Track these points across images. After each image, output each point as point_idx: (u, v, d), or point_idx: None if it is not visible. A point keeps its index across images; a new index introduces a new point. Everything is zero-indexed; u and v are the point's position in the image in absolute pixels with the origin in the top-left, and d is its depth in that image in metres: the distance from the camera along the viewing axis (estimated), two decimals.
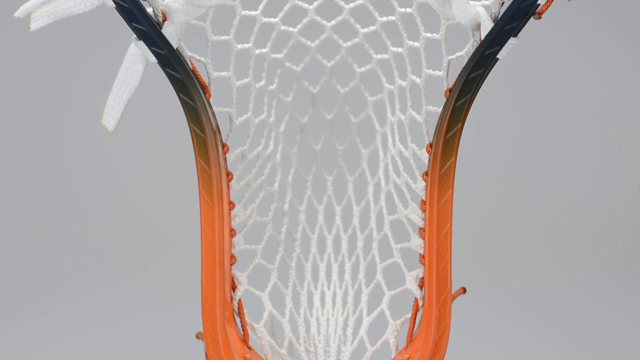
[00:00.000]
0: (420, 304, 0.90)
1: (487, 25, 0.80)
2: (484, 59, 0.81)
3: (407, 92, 0.94)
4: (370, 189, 1.06)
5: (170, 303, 1.76)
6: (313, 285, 1.05)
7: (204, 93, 0.85)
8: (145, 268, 1.88)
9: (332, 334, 1.00)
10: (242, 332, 0.92)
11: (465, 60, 0.82)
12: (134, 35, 0.80)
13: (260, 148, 0.99)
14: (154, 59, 0.81)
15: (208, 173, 0.86)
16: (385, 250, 0.99)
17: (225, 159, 0.88)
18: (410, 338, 0.91)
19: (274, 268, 0.99)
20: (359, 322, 0.99)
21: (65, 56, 2.00)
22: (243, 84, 0.94)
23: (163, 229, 1.93)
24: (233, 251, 0.90)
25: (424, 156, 0.88)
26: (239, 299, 0.91)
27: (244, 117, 0.94)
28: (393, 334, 0.93)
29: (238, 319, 0.92)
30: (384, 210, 1.02)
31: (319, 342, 0.99)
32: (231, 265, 0.90)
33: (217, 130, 0.86)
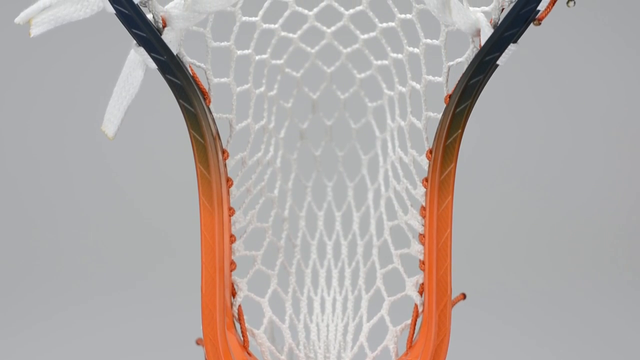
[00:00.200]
0: (420, 310, 0.90)
1: (487, 32, 0.80)
2: (483, 65, 0.81)
3: (407, 98, 0.94)
4: (370, 195, 1.06)
5: (170, 309, 1.76)
6: (313, 291, 1.05)
7: (204, 99, 0.85)
8: (145, 275, 1.88)
9: (332, 339, 1.00)
10: (242, 338, 0.92)
11: (465, 66, 0.82)
12: (134, 41, 0.81)
13: (260, 154, 0.99)
14: (154, 65, 0.81)
15: (208, 179, 0.86)
16: (385, 256, 0.99)
17: (225, 165, 0.88)
18: (410, 344, 0.91)
19: (274, 274, 0.99)
20: (358, 328, 0.99)
21: (65, 60, 2.00)
22: (243, 90, 0.94)
23: (162, 235, 1.93)
24: (233, 257, 0.90)
25: (424, 162, 0.88)
26: (239, 305, 0.91)
27: (244, 123, 0.94)
28: (393, 340, 0.92)
29: (238, 325, 0.92)
30: (384, 216, 1.02)
31: (319, 348, 0.99)
32: (231, 271, 0.90)
33: (217, 137, 0.86)
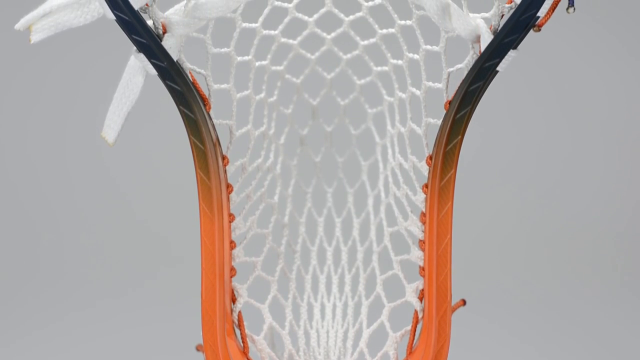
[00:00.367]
0: (420, 316, 0.90)
1: (487, 38, 0.80)
2: (483, 72, 0.81)
3: (407, 104, 0.94)
4: (370, 201, 1.06)
5: (170, 315, 1.75)
6: (313, 297, 1.05)
7: (204, 105, 0.85)
8: (145, 281, 1.88)
9: (332, 346, 1.00)
10: (242, 344, 0.92)
11: (465, 72, 0.82)
12: (134, 47, 0.81)
13: (260, 160, 0.99)
14: (154, 72, 0.81)
15: (208, 185, 0.86)
16: (385, 262, 0.99)
17: (225, 171, 0.88)
18: (410, 350, 0.91)
19: (274, 280, 0.99)
20: (358, 334, 0.99)
21: (65, 65, 2.00)
22: (243, 96, 0.94)
23: (162, 241, 1.93)
24: (233, 263, 0.90)
25: (424, 168, 0.88)
26: (239, 311, 0.91)
27: (244, 129, 0.94)
28: (393, 346, 0.92)
29: (238, 331, 0.91)
30: (384, 223, 1.02)
31: (319, 354, 0.99)
32: (231, 277, 0.90)
33: (217, 143, 0.86)
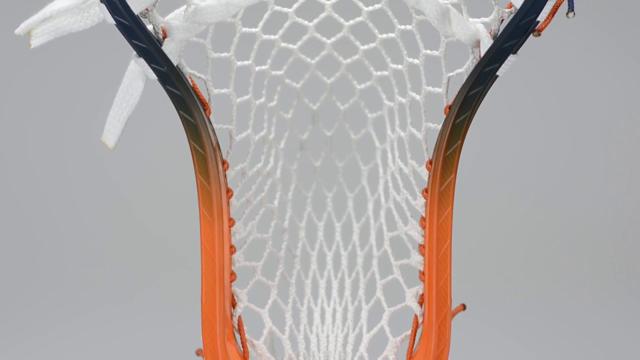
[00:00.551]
0: (420, 320, 0.90)
1: (487, 43, 0.80)
2: (483, 76, 0.81)
3: (407, 109, 0.94)
4: (370, 206, 1.06)
5: (169, 320, 1.75)
6: (313, 302, 1.05)
7: (204, 110, 0.85)
8: (145, 286, 1.88)
9: (332, 350, 1.00)
10: (242, 349, 0.92)
11: (465, 77, 0.82)
12: (134, 52, 0.81)
13: (260, 165, 0.99)
14: (154, 76, 0.81)
15: (208, 190, 0.86)
16: (385, 266, 0.99)
17: (225, 176, 0.88)
18: (410, 355, 0.91)
19: (274, 285, 0.99)
20: (358, 339, 0.98)
21: (65, 69, 2.00)
22: (243, 101, 0.94)
23: (162, 246, 1.93)
24: (233, 268, 0.90)
25: (424, 173, 0.88)
26: (239, 316, 0.91)
27: (244, 134, 0.94)
28: (393, 351, 0.92)
29: (238, 336, 0.91)
30: (384, 227, 1.02)
31: (319, 359, 0.99)
32: (231, 282, 0.90)
33: (217, 147, 0.86)
